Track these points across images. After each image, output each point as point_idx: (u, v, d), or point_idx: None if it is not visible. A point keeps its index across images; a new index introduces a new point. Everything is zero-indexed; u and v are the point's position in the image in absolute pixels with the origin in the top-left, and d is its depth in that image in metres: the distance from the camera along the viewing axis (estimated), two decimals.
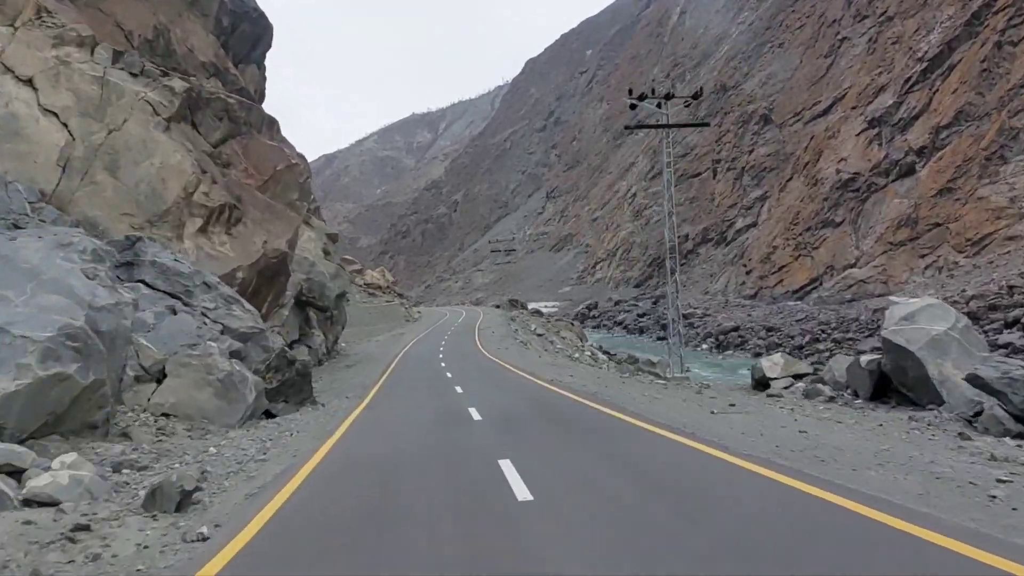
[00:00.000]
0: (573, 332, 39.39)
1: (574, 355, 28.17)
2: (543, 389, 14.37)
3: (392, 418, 11.25)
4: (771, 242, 46.49)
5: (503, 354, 26.15)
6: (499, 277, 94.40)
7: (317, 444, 8.36)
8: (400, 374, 20.64)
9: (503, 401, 12.64)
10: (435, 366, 22.30)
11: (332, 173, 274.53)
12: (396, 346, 34.24)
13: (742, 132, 57.79)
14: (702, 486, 5.28)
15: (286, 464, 7.10)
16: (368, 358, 29.21)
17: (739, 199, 55.70)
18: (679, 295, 44.64)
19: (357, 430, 9.72)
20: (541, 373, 17.96)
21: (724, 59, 73.01)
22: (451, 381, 16.69)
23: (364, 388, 17.03)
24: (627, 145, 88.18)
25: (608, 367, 23.37)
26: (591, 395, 12.76)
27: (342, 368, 25.96)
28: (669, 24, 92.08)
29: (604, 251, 70.60)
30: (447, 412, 11.04)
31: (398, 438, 8.68)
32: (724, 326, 35.88)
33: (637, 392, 13.52)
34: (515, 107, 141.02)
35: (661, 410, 10.16)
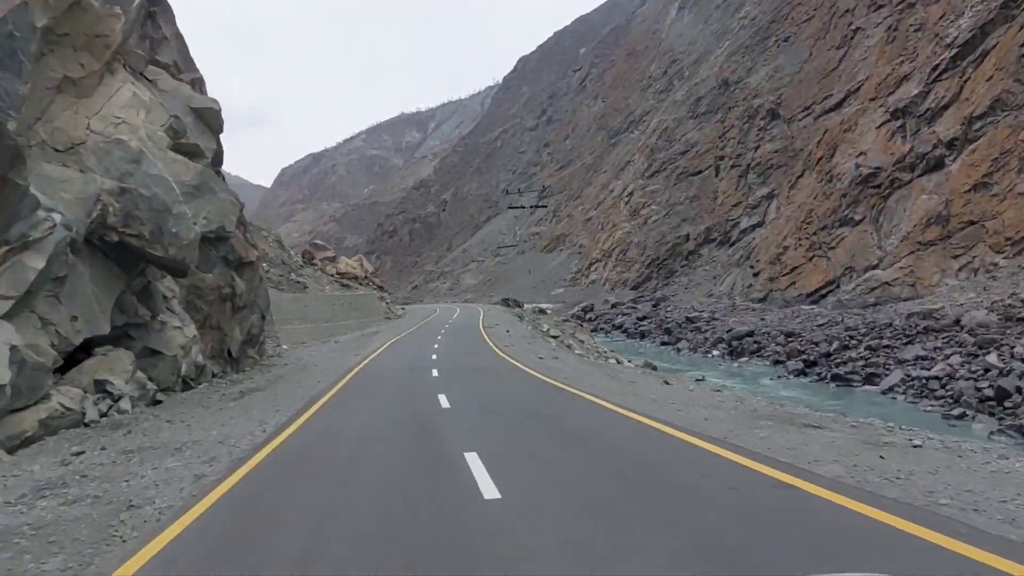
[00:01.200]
0: (586, 334, 36.32)
1: (619, 366, 21.72)
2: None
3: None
4: (781, 242, 43.64)
5: (549, 370, 16.48)
6: (488, 278, 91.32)
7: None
8: (337, 418, 10.73)
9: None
10: (423, 400, 12.36)
11: (319, 172, 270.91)
12: (360, 351, 24.66)
13: (747, 127, 55.01)
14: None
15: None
16: (302, 372, 18.90)
17: (744, 197, 52.88)
18: (679, 297, 41.54)
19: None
20: (656, 412, 9.67)
21: (725, 54, 70.33)
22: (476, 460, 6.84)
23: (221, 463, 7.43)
24: (623, 143, 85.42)
25: (694, 388, 15.37)
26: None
27: (233, 398, 13.89)
28: (667, 20, 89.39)
29: (599, 252, 67.65)
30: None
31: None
32: (737, 331, 32.91)
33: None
34: (506, 105, 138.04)
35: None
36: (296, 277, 44.41)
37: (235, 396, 14.13)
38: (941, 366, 20.49)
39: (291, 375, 18.52)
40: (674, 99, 76.55)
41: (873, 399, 21.03)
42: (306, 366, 20.79)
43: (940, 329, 24.35)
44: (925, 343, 23.18)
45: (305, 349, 28.37)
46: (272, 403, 12.71)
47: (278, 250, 48.15)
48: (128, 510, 5.72)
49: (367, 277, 61.46)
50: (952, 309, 26.07)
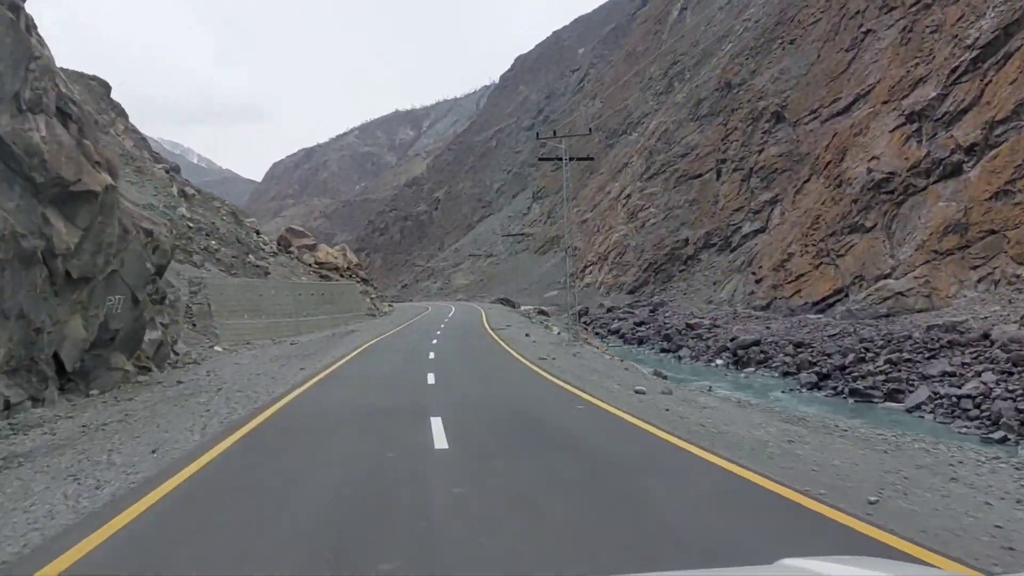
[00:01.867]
0: (591, 337, 34.81)
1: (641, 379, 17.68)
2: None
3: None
4: (785, 248, 42.06)
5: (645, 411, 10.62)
6: (480, 279, 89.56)
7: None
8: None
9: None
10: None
11: (311, 167, 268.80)
12: (314, 361, 18.89)
13: (751, 130, 53.44)
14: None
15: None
16: (181, 406, 11.43)
17: (746, 202, 51.29)
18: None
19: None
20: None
21: (728, 56, 68.84)
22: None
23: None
24: (620, 145, 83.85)
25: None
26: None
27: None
28: (668, 21, 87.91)
29: (595, 254, 65.98)
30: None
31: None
32: (742, 340, 31.24)
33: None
34: (503, 104, 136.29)
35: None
36: (256, 260, 38.71)
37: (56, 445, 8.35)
38: (974, 384, 18.86)
39: (156, 412, 10.80)
40: (674, 101, 75.04)
41: (897, 417, 19.37)
42: (203, 390, 13.17)
43: (966, 344, 22.74)
44: (951, 358, 21.55)
45: (241, 354, 21.92)
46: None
47: (232, 224, 41.83)
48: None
49: (350, 269, 56.30)
50: (976, 322, 24.48)
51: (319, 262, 51.65)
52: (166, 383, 14.65)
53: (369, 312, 45.86)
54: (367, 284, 58.02)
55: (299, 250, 51.60)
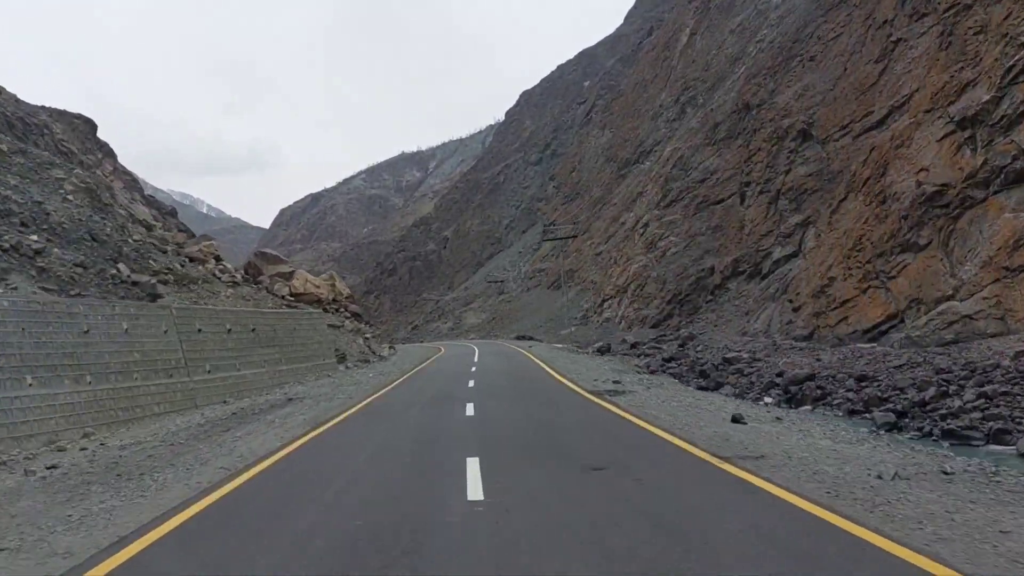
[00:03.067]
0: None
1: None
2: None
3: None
4: (825, 273, 38.73)
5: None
6: (492, 317, 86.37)
7: None
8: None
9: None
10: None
11: (318, 212, 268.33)
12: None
13: (776, 151, 50.50)
14: None
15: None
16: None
17: (775, 226, 48.12)
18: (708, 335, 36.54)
19: None
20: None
21: (743, 78, 66.34)
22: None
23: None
24: (633, 174, 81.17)
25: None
26: None
27: None
28: (677, 47, 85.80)
29: (613, 287, 62.74)
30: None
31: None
32: (793, 374, 27.78)
33: None
34: (509, 140, 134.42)
35: None
36: (137, 273, 24.61)
37: None
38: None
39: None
40: (688, 127, 72.47)
41: (1009, 462, 15.87)
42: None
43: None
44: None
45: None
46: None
47: (85, 209, 25.73)
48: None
49: (338, 301, 47.29)
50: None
51: (295, 293, 42.15)
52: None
53: (361, 358, 36.91)
54: (359, 320, 48.38)
55: (271, 280, 42.32)
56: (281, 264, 46.18)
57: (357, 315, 49.41)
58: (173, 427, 16.72)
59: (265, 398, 22.27)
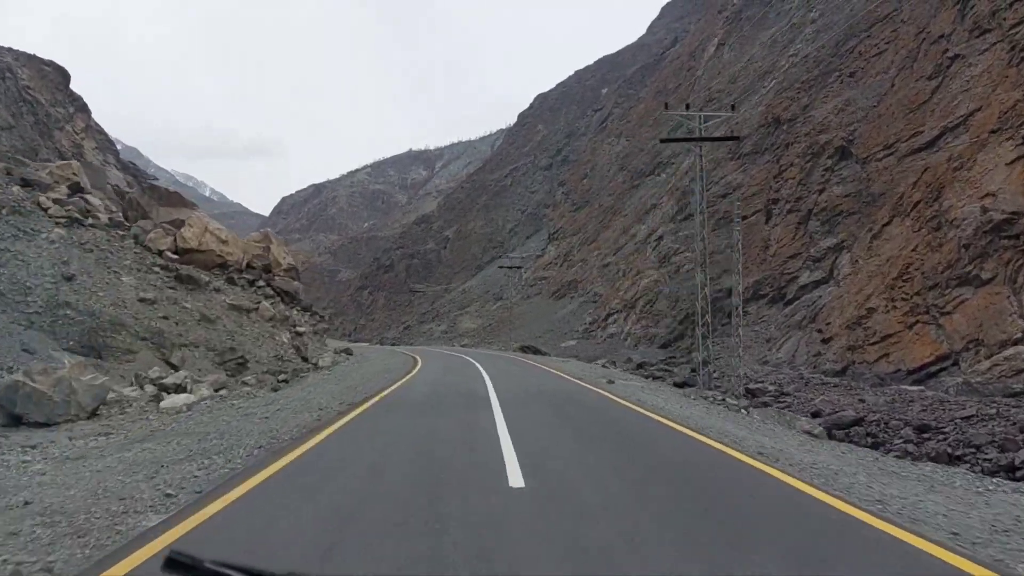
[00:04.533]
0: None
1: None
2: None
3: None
4: (863, 303, 34.90)
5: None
6: (489, 323, 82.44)
7: None
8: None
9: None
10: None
11: (320, 202, 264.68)
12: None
13: (809, 168, 46.76)
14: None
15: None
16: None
17: (804, 248, 44.33)
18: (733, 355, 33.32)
19: None
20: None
21: (773, 92, 62.71)
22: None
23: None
24: (646, 186, 77.42)
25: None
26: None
27: None
28: (703, 58, 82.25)
29: (619, 301, 58.86)
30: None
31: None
32: (838, 417, 23.87)
33: None
34: (519, 143, 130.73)
35: None
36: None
37: None
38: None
39: None
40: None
41: None
42: None
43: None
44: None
45: None
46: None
47: None
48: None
49: (268, 271, 33.61)
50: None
51: (185, 250, 28.61)
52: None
53: (275, 369, 22.37)
54: (290, 304, 32.98)
55: (157, 229, 28.78)
56: (184, 208, 32.71)
57: (288, 295, 33.56)
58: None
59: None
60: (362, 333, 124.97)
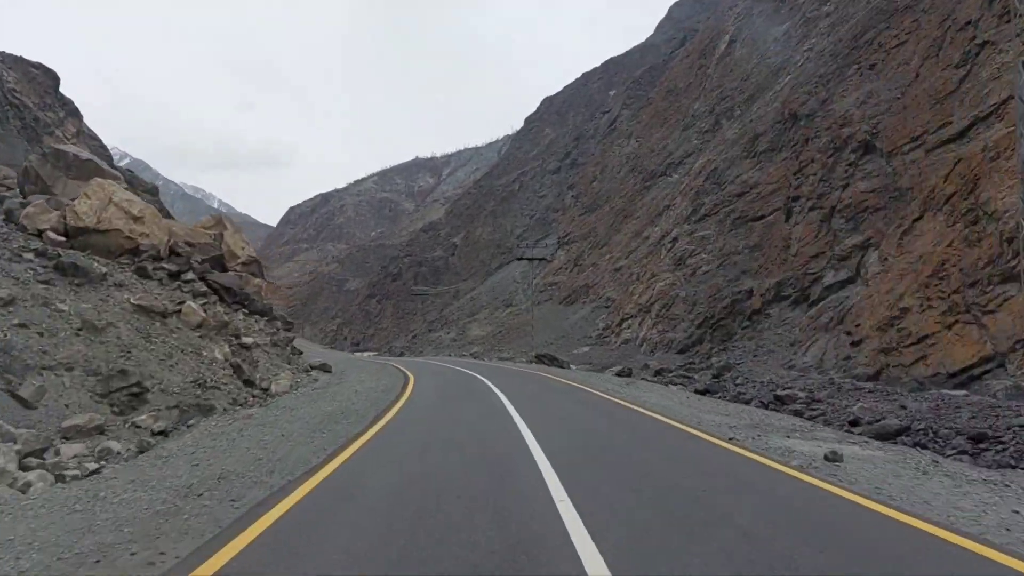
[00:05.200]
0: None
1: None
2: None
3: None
4: (895, 303, 32.98)
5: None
6: (499, 330, 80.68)
7: None
8: None
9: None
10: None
11: (327, 212, 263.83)
12: None
13: (831, 163, 44.88)
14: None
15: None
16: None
17: (827, 247, 42.42)
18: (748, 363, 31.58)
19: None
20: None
21: (788, 87, 60.95)
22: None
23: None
24: (658, 187, 75.63)
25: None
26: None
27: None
28: (715, 55, 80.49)
29: (634, 306, 57.02)
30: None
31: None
32: (881, 425, 21.96)
33: None
34: (526, 148, 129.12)
35: None
36: None
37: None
38: None
39: None
40: (724, 138, 66.98)
41: None
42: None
43: None
44: None
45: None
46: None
47: None
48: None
49: (217, 266, 26.55)
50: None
51: (77, 230, 21.50)
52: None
53: (195, 404, 16.22)
54: (229, 303, 25.24)
55: (39, 203, 21.93)
56: (104, 181, 23.37)
57: (230, 293, 25.50)
58: None
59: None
60: (371, 342, 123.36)
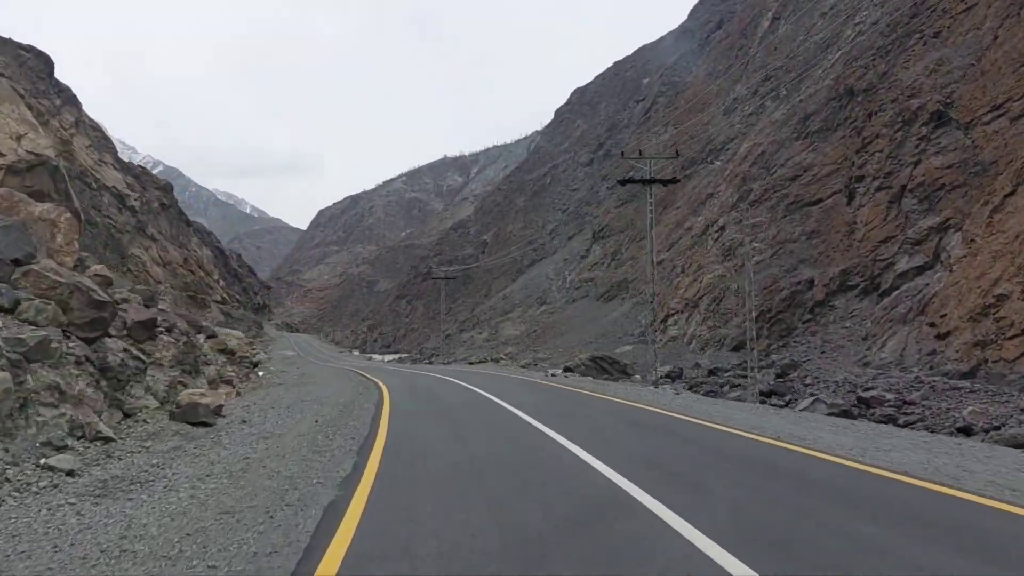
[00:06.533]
0: None
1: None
2: None
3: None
4: (988, 289, 28.99)
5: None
6: (533, 329, 77.28)
7: None
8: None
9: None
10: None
11: (356, 213, 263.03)
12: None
13: (900, 138, 40.78)
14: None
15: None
16: None
17: (898, 230, 38.38)
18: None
19: None
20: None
21: (841, 63, 56.78)
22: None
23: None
24: (699, 175, 71.74)
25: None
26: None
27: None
28: (756, 35, 76.29)
29: (680, 301, 53.28)
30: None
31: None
32: (1011, 435, 18.14)
33: None
34: (557, 140, 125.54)
35: None
36: None
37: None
38: None
39: None
40: (771, 119, 62.90)
41: None
42: None
43: None
44: None
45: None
46: None
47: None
48: None
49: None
50: None
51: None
52: None
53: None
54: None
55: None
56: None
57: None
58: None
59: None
60: (402, 343, 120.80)
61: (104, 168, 32.98)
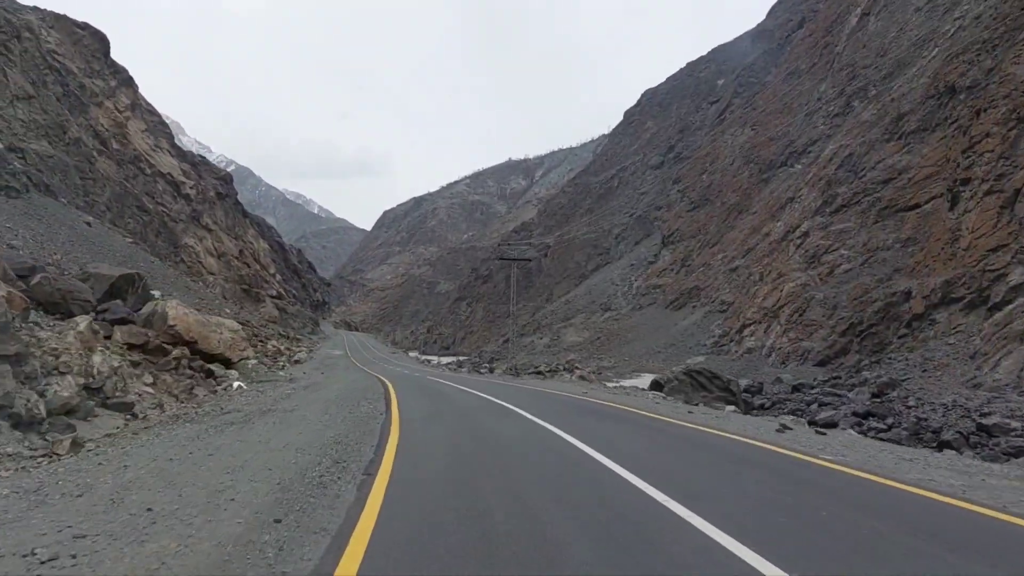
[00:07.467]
0: None
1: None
2: None
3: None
4: None
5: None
6: (597, 336, 74.67)
7: None
8: None
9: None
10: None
11: (420, 215, 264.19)
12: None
13: (1014, 136, 36.94)
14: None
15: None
16: None
17: (1011, 238, 34.65)
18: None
19: None
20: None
21: (940, 59, 52.67)
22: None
23: None
24: (779, 178, 68.14)
25: None
26: None
27: None
28: (844, 31, 72.21)
29: (757, 310, 50.01)
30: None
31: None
32: None
33: None
34: (626, 142, 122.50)
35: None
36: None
37: None
38: None
39: None
40: (859, 120, 58.99)
41: None
42: None
43: None
44: None
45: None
46: None
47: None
48: None
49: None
50: None
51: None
52: None
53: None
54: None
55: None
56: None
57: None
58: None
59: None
60: (461, 345, 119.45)
61: (159, 154, 31.99)
